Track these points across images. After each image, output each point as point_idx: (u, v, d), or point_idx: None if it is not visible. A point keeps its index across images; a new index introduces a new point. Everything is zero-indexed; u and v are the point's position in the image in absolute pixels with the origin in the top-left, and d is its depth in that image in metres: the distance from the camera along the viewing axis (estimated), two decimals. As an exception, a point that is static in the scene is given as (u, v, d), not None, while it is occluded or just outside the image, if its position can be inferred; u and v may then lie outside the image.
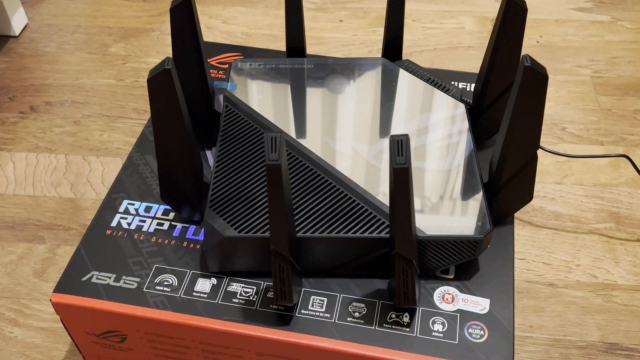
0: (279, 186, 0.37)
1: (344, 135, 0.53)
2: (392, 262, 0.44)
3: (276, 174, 0.37)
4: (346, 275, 0.48)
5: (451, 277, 0.48)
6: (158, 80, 0.42)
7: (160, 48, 0.91)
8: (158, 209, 0.53)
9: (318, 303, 0.47)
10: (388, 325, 0.45)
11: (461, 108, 0.55)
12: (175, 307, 0.47)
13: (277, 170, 0.36)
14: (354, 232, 0.46)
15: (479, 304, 0.47)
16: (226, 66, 0.65)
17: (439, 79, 0.58)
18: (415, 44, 0.91)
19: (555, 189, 0.71)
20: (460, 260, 0.47)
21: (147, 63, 0.88)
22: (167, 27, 0.95)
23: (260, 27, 0.95)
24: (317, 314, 0.46)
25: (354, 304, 0.47)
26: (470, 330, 0.45)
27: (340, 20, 0.95)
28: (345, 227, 0.46)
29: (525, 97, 0.42)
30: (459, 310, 0.46)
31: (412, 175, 0.38)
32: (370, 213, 0.47)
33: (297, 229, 0.46)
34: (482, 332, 0.45)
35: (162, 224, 0.52)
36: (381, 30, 0.93)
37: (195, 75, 0.54)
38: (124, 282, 0.48)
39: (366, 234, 0.46)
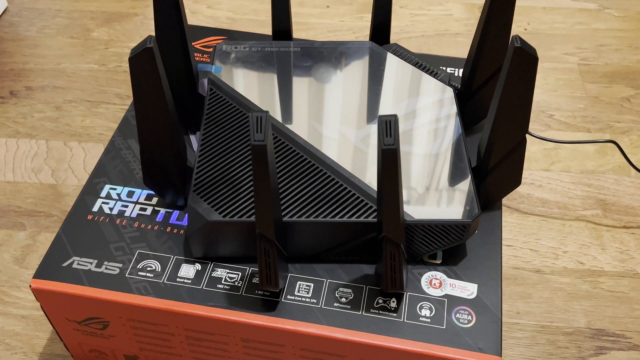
0: (264, 167, 0.36)
1: (331, 119, 0.53)
2: (379, 246, 0.43)
3: (261, 155, 0.36)
4: (333, 261, 0.47)
5: (439, 262, 0.48)
6: (140, 59, 0.41)
7: (144, 33, 0.89)
8: (141, 194, 0.52)
9: (304, 288, 0.46)
10: (375, 311, 0.45)
11: (449, 92, 0.55)
12: (159, 293, 0.46)
13: (263, 151, 0.35)
14: (341, 217, 0.45)
15: (467, 289, 0.46)
16: (211, 50, 0.64)
17: (427, 63, 0.58)
18: (403, 31, 0.90)
19: (543, 175, 0.70)
20: (448, 245, 0.46)
21: (130, 48, 0.87)
22: (150, 11, 0.93)
23: (245, 12, 0.93)
24: (303, 299, 0.46)
25: (341, 289, 0.46)
26: (457, 315, 0.45)
27: (327, 6, 0.94)
28: (332, 212, 0.45)
29: (514, 79, 0.42)
30: (446, 296, 0.46)
31: (401, 159, 0.37)
32: (358, 197, 0.46)
33: (283, 214, 0.45)
34: (469, 317, 0.45)
35: (144, 209, 0.51)
36: (368, 17, 0.92)
37: (179, 58, 0.53)
38: (106, 268, 0.47)
39: (353, 219, 0.45)
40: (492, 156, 0.47)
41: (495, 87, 0.53)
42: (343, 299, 0.46)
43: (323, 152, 0.50)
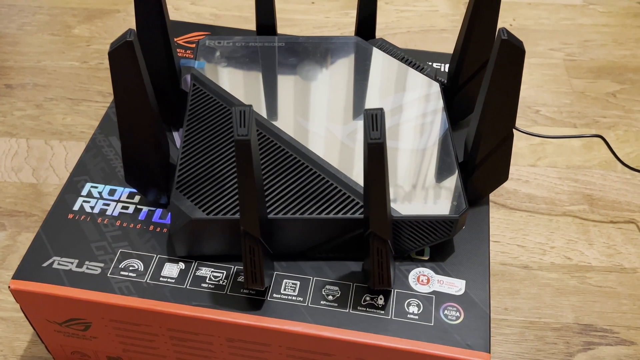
0: (248, 163, 0.36)
1: (316, 114, 0.52)
2: (366, 243, 0.42)
3: (245, 150, 0.35)
4: (319, 258, 0.47)
5: (426, 258, 0.47)
6: (120, 53, 0.40)
7: (126, 29, 0.88)
8: (122, 192, 0.51)
9: (290, 287, 0.45)
10: (362, 308, 0.44)
11: (435, 87, 0.54)
12: (142, 293, 0.45)
13: (247, 146, 0.35)
14: (327, 213, 0.44)
15: (455, 285, 0.46)
16: (193, 46, 0.63)
17: (413, 58, 0.57)
18: (388, 27, 0.89)
19: (529, 171, 0.70)
20: (436, 240, 0.46)
21: (112, 45, 0.85)
22: (133, 8, 0.92)
23: (229, 8, 0.92)
24: (289, 297, 0.45)
25: (328, 287, 0.45)
26: (446, 311, 0.44)
27: (313, 2, 0.93)
28: (318, 208, 0.45)
29: (501, 72, 0.41)
30: (434, 292, 0.45)
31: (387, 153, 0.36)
32: (344, 193, 0.46)
33: (268, 211, 0.44)
34: (457, 314, 0.44)
35: (127, 208, 0.50)
36: (354, 13, 0.91)
37: (161, 53, 0.52)
38: (87, 268, 0.46)
39: (340, 215, 0.44)
40: (480, 150, 0.46)
41: (481, 81, 0.53)
42: (330, 297, 0.45)
43: (309, 148, 0.49)
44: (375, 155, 0.35)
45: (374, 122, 0.35)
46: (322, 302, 0.45)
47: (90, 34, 0.87)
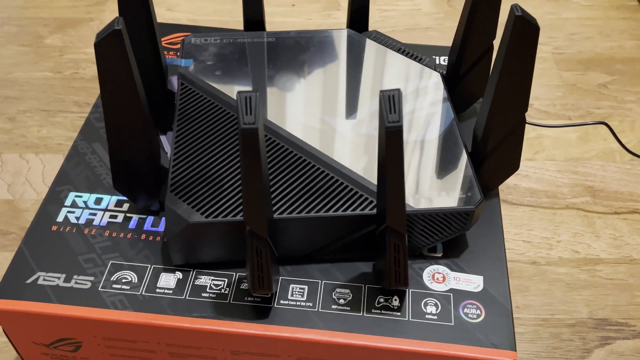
0: (255, 154, 0.33)
1: (314, 109, 0.49)
2: (379, 240, 0.40)
3: (252, 140, 0.32)
4: (326, 260, 0.44)
5: (439, 255, 0.45)
6: (107, 44, 0.36)
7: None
8: (110, 200, 0.48)
9: (298, 291, 0.42)
10: (377, 311, 0.41)
11: (436, 77, 0.52)
12: (137, 307, 0.41)
13: (254, 135, 0.32)
14: (335, 211, 0.41)
15: (472, 282, 0.43)
16: (176, 47, 0.60)
17: (409, 49, 0.55)
18: (372, 27, 0.87)
19: (528, 165, 0.68)
20: (450, 235, 0.43)
21: (87, 54, 0.82)
22: (107, 16, 0.88)
23: (206, 13, 0.89)
24: (298, 303, 0.42)
25: (338, 290, 0.42)
26: (465, 310, 0.42)
27: (293, 5, 0.91)
28: (325, 206, 0.42)
29: (515, 50, 0.39)
30: (451, 290, 0.43)
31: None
32: (351, 189, 0.43)
33: (273, 210, 0.41)
34: (478, 312, 0.42)
35: (115, 217, 0.46)
36: (337, 14, 0.89)
37: (148, 51, 0.49)
38: (76, 282, 0.42)
39: (349, 212, 0.41)
40: (490, 138, 0.44)
41: (484, 70, 0.51)
42: (341, 300, 0.42)
43: (310, 144, 0.46)
44: (394, 141, 0.33)
45: (392, 103, 0.32)
46: (333, 306, 0.41)
47: (63, 44, 0.83)
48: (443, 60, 0.59)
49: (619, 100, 0.76)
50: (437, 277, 0.43)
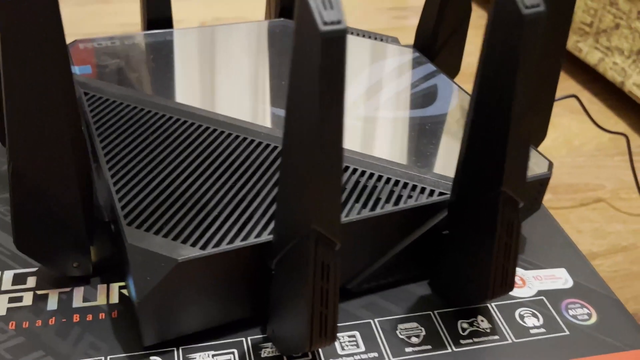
0: (339, 75, 0.19)
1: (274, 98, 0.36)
2: (448, 242, 0.28)
3: (338, 50, 0.19)
4: (365, 291, 0.30)
5: (498, 255, 0.33)
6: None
7: None
8: (2, 275, 0.30)
9: (350, 342, 0.28)
10: (467, 340, 0.29)
11: (414, 52, 0.42)
12: None
13: (341, 41, 0.18)
14: (395, 205, 0.29)
15: (557, 277, 0.33)
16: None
17: (366, 32, 0.45)
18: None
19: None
20: (524, 216, 0.33)
21: None
22: None
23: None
24: (356, 356, 0.27)
25: (401, 326, 0.29)
26: (571, 312, 0.31)
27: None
28: (377, 204, 0.29)
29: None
30: (540, 292, 0.32)
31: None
32: (399, 181, 0.30)
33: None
34: (586, 311, 0.31)
35: (18, 298, 0.29)
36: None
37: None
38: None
39: (412, 203, 0.29)
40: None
41: (462, 39, 0.43)
42: (414, 339, 0.28)
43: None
44: (533, 28, 0.22)
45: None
46: (407, 349, 0.28)
47: None
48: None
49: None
50: (515, 280, 0.32)
